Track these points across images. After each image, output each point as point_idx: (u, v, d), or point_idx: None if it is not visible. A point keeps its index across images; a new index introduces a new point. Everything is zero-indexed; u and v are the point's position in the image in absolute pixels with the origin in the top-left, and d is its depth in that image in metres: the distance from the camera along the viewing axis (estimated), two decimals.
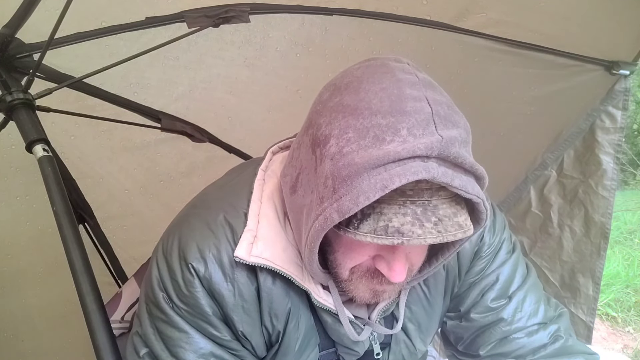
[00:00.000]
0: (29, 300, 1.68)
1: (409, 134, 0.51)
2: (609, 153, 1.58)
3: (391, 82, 0.56)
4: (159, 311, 0.69)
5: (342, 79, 0.61)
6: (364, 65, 0.61)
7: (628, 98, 1.52)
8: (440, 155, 0.51)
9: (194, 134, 1.63)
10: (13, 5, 0.97)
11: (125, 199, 1.72)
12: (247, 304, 0.68)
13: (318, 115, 0.60)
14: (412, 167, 0.50)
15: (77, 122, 1.41)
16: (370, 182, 0.51)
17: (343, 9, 1.34)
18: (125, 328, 1.10)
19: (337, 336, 0.77)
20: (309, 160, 0.60)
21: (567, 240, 1.76)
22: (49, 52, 1.01)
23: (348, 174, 0.53)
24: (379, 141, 0.52)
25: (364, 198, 0.51)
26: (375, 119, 0.53)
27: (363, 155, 0.52)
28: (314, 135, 0.59)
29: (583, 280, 1.75)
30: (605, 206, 1.62)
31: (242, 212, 0.69)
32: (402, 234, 0.52)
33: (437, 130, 0.52)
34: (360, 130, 0.53)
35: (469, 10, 1.33)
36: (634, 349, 2.83)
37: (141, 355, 0.70)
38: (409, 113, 0.52)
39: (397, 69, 0.58)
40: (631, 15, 1.31)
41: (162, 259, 0.70)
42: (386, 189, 0.50)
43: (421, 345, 0.87)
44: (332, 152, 0.55)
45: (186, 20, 1.24)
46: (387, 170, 0.51)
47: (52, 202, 0.83)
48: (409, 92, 0.54)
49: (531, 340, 0.81)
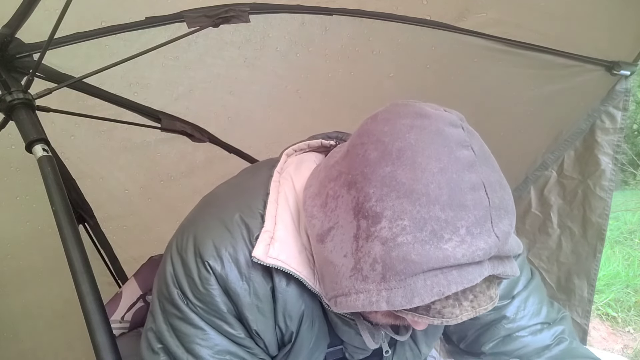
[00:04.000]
0: (29, 300, 1.68)
1: (467, 233, 0.51)
2: (608, 154, 1.58)
3: (449, 160, 0.53)
4: (174, 307, 0.69)
5: (392, 141, 0.56)
6: (417, 127, 0.56)
7: (628, 98, 1.52)
8: (496, 255, 0.53)
9: (194, 134, 1.63)
10: (13, 5, 0.97)
11: (125, 199, 1.72)
12: (262, 303, 0.69)
13: (365, 179, 0.56)
14: (469, 275, 0.51)
15: (77, 122, 1.41)
16: (426, 284, 0.51)
17: (343, 9, 1.34)
18: (125, 328, 1.10)
19: (348, 337, 0.78)
20: (349, 223, 0.58)
21: (567, 241, 1.76)
22: (49, 52, 1.01)
23: (403, 269, 0.52)
24: (436, 238, 0.51)
25: (418, 300, 0.51)
26: (433, 210, 0.51)
27: (421, 253, 0.51)
28: (359, 202, 0.56)
29: (578, 282, 1.75)
30: (602, 207, 1.62)
31: (258, 212, 0.69)
32: (442, 315, 0.54)
33: (494, 228, 0.52)
34: (417, 220, 0.52)
35: (469, 10, 1.33)
36: (634, 349, 2.83)
37: (156, 350, 0.70)
38: (468, 208, 0.51)
39: (454, 140, 0.55)
40: (631, 15, 1.31)
41: (177, 255, 0.70)
42: (442, 295, 0.51)
43: (426, 349, 0.88)
44: (384, 236, 0.53)
45: (186, 20, 1.24)
46: (444, 274, 0.51)
47: (52, 202, 0.83)
48: (467, 177, 0.53)
49: (535, 340, 0.82)
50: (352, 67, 1.48)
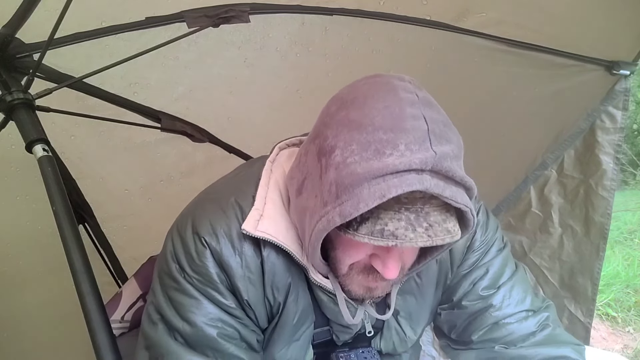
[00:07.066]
0: (29, 300, 1.68)
1: (406, 149, 0.57)
2: (608, 153, 1.59)
3: (394, 100, 0.61)
4: (172, 280, 0.75)
5: (349, 94, 0.66)
6: (370, 82, 0.66)
7: (628, 98, 1.52)
8: (434, 169, 0.57)
9: (194, 134, 1.64)
10: (13, 5, 0.97)
11: (125, 199, 1.72)
12: (253, 275, 0.75)
13: (325, 127, 0.65)
14: (407, 179, 0.56)
15: (77, 122, 1.41)
16: (370, 191, 0.57)
17: (343, 9, 1.34)
18: (125, 328, 1.10)
19: (332, 314, 0.84)
20: (314, 167, 0.66)
21: (569, 240, 1.76)
22: (49, 52, 1.01)
23: (350, 182, 0.58)
24: (379, 154, 0.58)
25: (363, 205, 0.57)
26: (377, 134, 0.59)
27: (364, 167, 0.58)
28: (320, 145, 0.65)
29: (582, 281, 1.75)
30: (605, 206, 1.62)
31: (251, 195, 0.77)
32: (396, 237, 0.58)
33: (432, 147, 0.58)
34: (363, 143, 0.59)
35: (469, 10, 1.34)
36: (634, 349, 2.83)
37: (154, 321, 0.75)
38: (407, 130, 0.58)
39: (400, 87, 0.63)
40: (631, 15, 1.31)
41: (177, 235, 0.77)
42: (384, 198, 0.56)
43: (411, 334, 0.93)
44: (337, 162, 0.61)
45: (186, 20, 1.24)
46: (385, 181, 0.57)
47: (52, 202, 0.84)
48: (409, 110, 0.60)
49: (521, 327, 0.86)
50: (352, 67, 1.48)
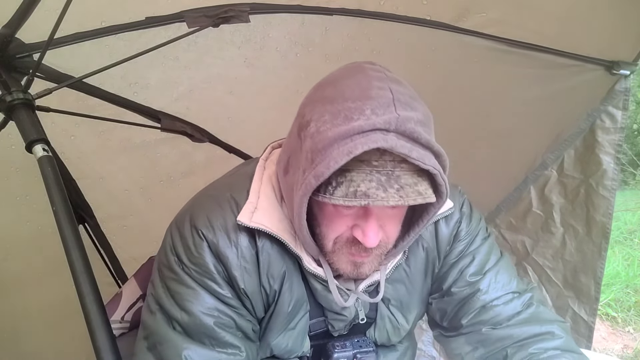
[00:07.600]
0: (29, 300, 1.68)
1: (372, 113, 0.62)
2: (609, 153, 1.59)
3: (363, 77, 0.68)
4: (171, 272, 0.79)
5: (326, 79, 0.73)
6: (344, 68, 0.73)
7: (628, 98, 1.52)
8: (398, 129, 0.62)
9: (194, 134, 1.64)
10: (13, 5, 0.97)
11: (125, 199, 1.72)
12: (249, 265, 0.79)
13: (304, 107, 0.72)
14: (372, 137, 0.61)
15: (77, 122, 1.41)
16: (339, 150, 0.62)
17: (343, 9, 1.34)
18: (125, 328, 1.10)
19: (326, 302, 0.87)
20: (296, 144, 0.71)
21: (571, 239, 1.76)
22: (49, 52, 1.01)
23: (323, 146, 0.63)
24: (347, 119, 0.63)
25: (333, 162, 0.61)
26: (346, 104, 0.64)
27: (334, 131, 0.63)
28: (299, 122, 0.71)
29: (585, 280, 1.75)
30: (606, 206, 1.62)
31: (245, 190, 0.81)
32: (368, 196, 0.62)
33: (396, 111, 0.62)
34: (333, 113, 0.65)
35: (469, 10, 1.34)
36: (634, 349, 2.83)
37: (153, 311, 0.79)
38: (373, 98, 0.64)
39: (369, 69, 0.70)
40: (631, 15, 1.31)
41: (175, 229, 0.81)
42: (351, 154, 0.61)
43: (404, 322, 0.97)
44: (312, 132, 0.66)
45: (186, 20, 1.24)
46: (352, 141, 0.62)
47: (52, 202, 0.84)
48: (375, 83, 0.66)
49: (507, 308, 0.90)
50: None
